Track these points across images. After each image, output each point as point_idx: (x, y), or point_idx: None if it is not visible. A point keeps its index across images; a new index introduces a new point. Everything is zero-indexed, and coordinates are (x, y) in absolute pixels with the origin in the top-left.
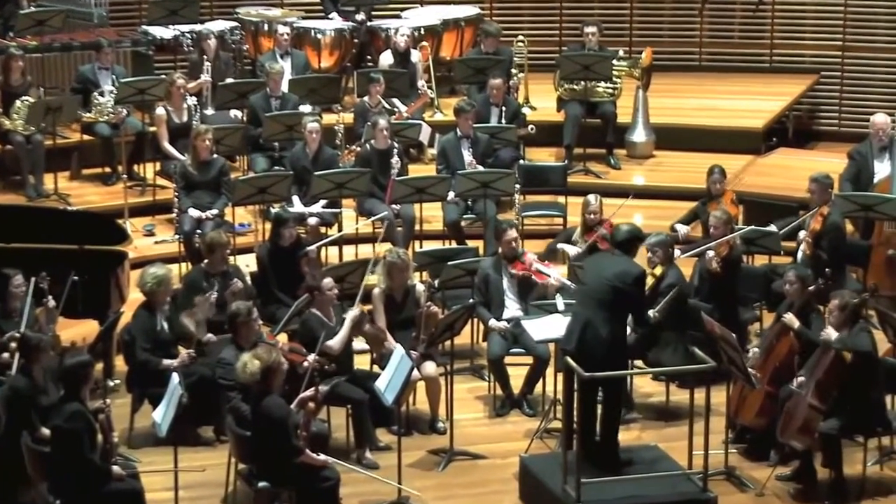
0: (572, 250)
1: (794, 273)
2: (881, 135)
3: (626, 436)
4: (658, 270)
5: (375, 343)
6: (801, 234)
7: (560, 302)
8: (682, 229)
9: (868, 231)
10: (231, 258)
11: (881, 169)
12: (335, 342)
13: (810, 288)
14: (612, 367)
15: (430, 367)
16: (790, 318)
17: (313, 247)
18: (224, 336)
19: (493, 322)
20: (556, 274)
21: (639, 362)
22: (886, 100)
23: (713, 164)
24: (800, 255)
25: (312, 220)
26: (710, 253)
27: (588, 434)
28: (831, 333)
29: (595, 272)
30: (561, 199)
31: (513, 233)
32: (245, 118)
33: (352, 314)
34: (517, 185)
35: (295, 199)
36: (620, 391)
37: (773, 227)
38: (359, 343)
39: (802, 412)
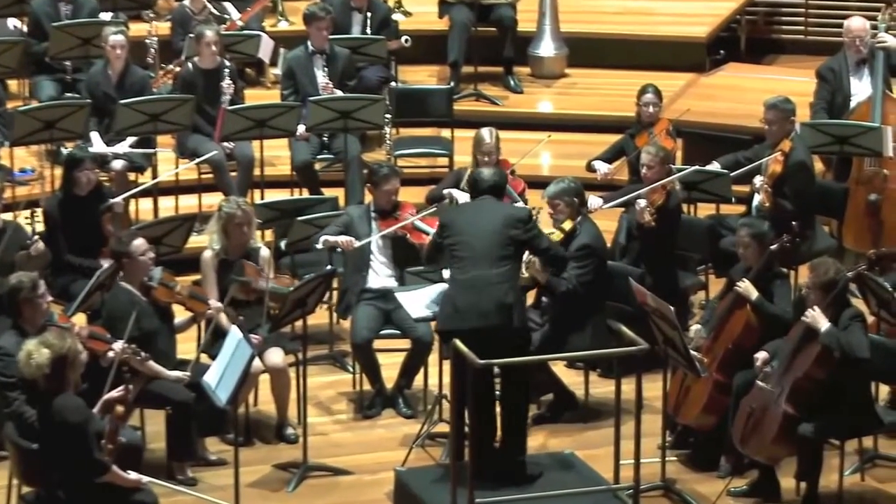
0: (464, 197)
1: (747, 230)
2: (858, 44)
3: (534, 441)
4: (567, 226)
5: (196, 304)
6: (757, 180)
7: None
8: (603, 168)
9: (843, 171)
10: (8, 214)
11: (859, 89)
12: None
13: (772, 247)
14: (520, 345)
15: (276, 356)
16: (746, 287)
17: (119, 198)
18: None
19: (326, 237)
20: None
21: None
22: None
23: (644, 83)
24: (755, 204)
25: (118, 164)
26: (642, 202)
27: (485, 439)
28: (820, 321)
29: (475, 225)
30: (445, 132)
31: (396, 182)
32: (26, 29)
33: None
34: (388, 116)
35: (94, 135)
36: (528, 380)
37: (715, 165)
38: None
39: (775, 421)
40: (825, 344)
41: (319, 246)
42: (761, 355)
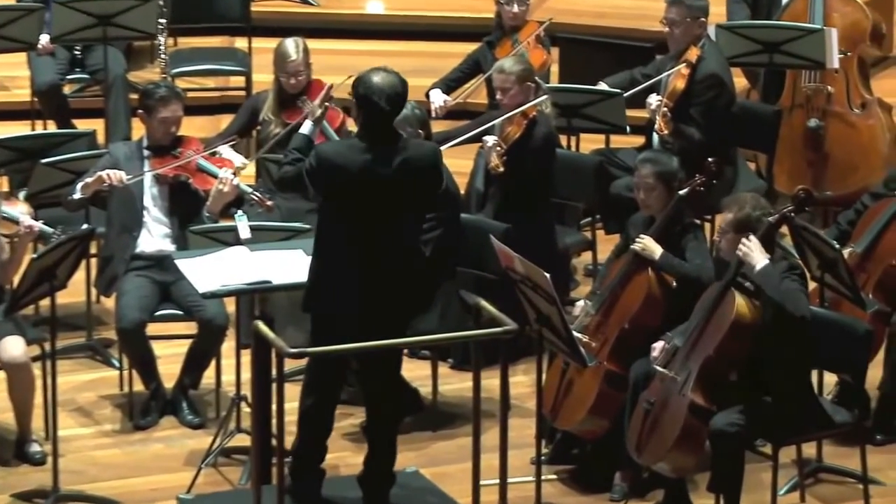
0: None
1: (650, 168)
2: None
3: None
4: None
5: None
6: (653, 99)
7: (243, 226)
8: (438, 99)
9: (774, 89)
10: None
11: None
12: None
13: (681, 191)
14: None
15: (14, 347)
16: (646, 244)
17: None
18: None
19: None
20: (232, 176)
21: None
22: None
23: None
24: (655, 137)
25: None
26: (490, 139)
27: (310, 452)
28: (757, 255)
29: (372, 176)
30: (241, 42)
31: (177, 108)
32: None
33: None
34: (162, 21)
35: None
36: (397, 362)
37: (604, 86)
38: None
39: (678, 417)
40: (759, 284)
41: (77, 195)
42: (659, 345)
